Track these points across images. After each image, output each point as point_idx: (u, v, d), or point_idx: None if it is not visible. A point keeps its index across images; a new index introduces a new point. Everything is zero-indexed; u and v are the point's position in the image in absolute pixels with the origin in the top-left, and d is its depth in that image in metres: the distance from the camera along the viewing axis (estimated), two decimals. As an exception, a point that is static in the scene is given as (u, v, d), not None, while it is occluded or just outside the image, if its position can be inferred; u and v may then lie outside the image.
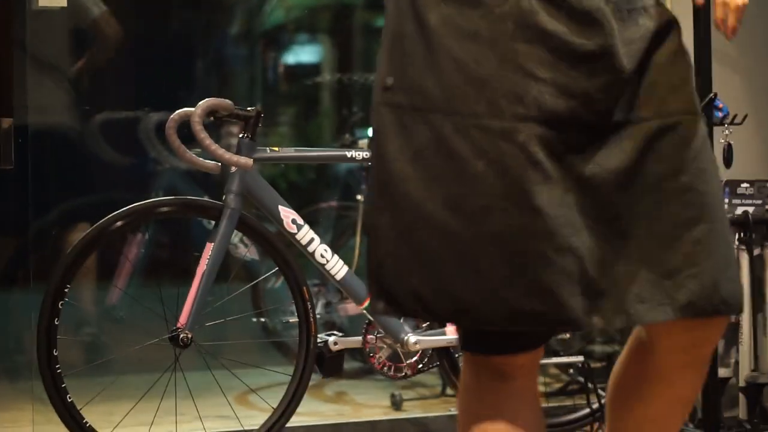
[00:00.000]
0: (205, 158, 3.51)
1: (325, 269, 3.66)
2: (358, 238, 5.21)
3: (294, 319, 3.73)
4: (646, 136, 1.78)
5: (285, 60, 6.82)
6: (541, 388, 4.54)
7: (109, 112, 5.00)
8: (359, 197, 5.37)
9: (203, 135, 3.38)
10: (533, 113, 1.73)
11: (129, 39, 5.08)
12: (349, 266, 3.72)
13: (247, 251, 4.79)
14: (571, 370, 4.64)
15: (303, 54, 7.05)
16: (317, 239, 3.65)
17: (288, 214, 3.62)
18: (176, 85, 5.08)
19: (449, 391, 4.69)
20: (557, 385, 4.73)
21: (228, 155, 3.43)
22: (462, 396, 1.97)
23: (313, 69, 6.62)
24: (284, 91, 6.76)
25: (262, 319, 5.15)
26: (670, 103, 1.80)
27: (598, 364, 4.62)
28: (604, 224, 1.78)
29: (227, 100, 3.47)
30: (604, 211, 1.78)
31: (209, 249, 3.51)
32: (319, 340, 3.68)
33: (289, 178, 7.00)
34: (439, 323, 3.62)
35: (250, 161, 3.45)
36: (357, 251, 5.17)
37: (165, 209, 3.57)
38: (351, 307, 4.87)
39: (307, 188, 6.63)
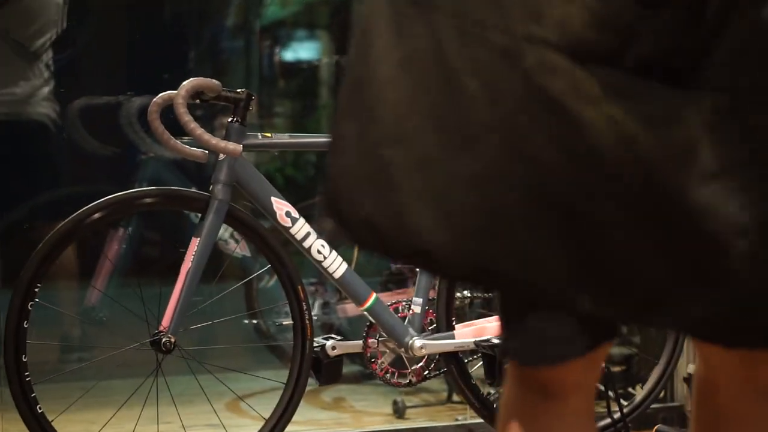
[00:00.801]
0: (193, 146, 3.24)
1: (322, 267, 3.39)
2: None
3: (288, 321, 3.46)
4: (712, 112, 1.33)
5: (283, 48, 6.59)
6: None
7: (89, 97, 4.70)
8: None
9: (187, 118, 3.11)
10: (552, 37, 1.34)
11: (110, 17, 4.79)
12: (349, 264, 3.45)
13: (238, 247, 4.51)
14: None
15: (301, 42, 6.81)
16: (314, 234, 3.38)
17: (281, 207, 3.35)
18: (162, 68, 4.78)
19: (456, 397, 4.44)
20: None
21: (215, 141, 3.16)
22: (503, 418, 1.66)
23: (311, 55, 6.36)
24: (282, 79, 6.48)
25: (254, 321, 4.86)
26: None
27: (617, 368, 4.35)
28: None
29: (214, 80, 3.20)
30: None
31: (195, 245, 3.25)
32: (315, 344, 3.43)
33: (286, 173, 6.74)
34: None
35: (239, 147, 3.18)
36: (357, 248, 4.92)
37: (146, 201, 3.30)
38: (351, 308, 4.61)
39: (304, 183, 6.38)
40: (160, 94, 3.23)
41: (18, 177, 4.44)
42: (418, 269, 4.55)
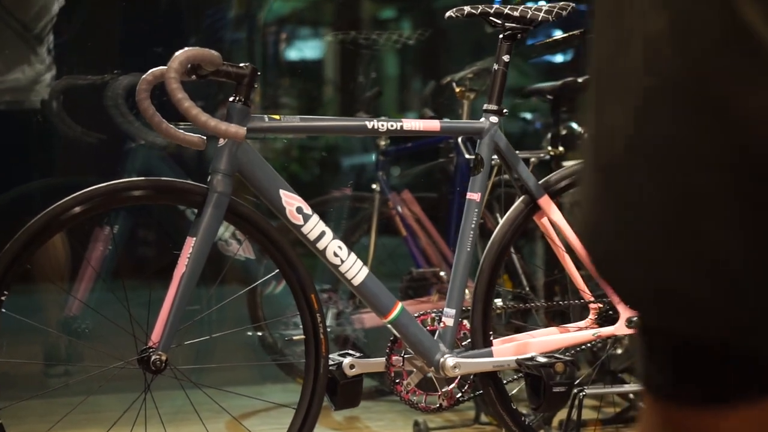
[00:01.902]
0: (189, 131, 2.80)
1: (339, 271, 2.95)
2: (373, 235, 4.52)
3: (299, 335, 3.01)
4: None
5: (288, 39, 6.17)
6: (593, 414, 3.87)
7: (69, 77, 4.22)
8: (375, 186, 4.67)
9: (181, 95, 2.66)
10: None
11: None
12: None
13: (241, 249, 4.05)
14: (631, 395, 3.95)
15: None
16: (329, 233, 2.94)
17: (292, 201, 2.91)
18: (154, 44, 4.30)
19: (484, 417, 4.00)
20: (612, 411, 4.01)
21: (214, 122, 2.71)
22: None
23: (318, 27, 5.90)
24: (286, 59, 6.03)
25: (259, 333, 4.40)
26: None
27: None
28: None
29: (213, 51, 2.74)
30: None
31: (190, 245, 2.81)
32: (331, 362, 2.98)
33: (291, 170, 6.29)
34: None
35: (242, 130, 2.73)
36: (372, 250, 4.49)
37: (134, 193, 2.85)
38: (369, 319, 4.16)
39: (312, 179, 5.94)
40: (151, 71, 2.81)
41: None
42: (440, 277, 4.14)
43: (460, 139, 4.39)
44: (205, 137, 2.85)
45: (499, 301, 3.54)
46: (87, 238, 3.96)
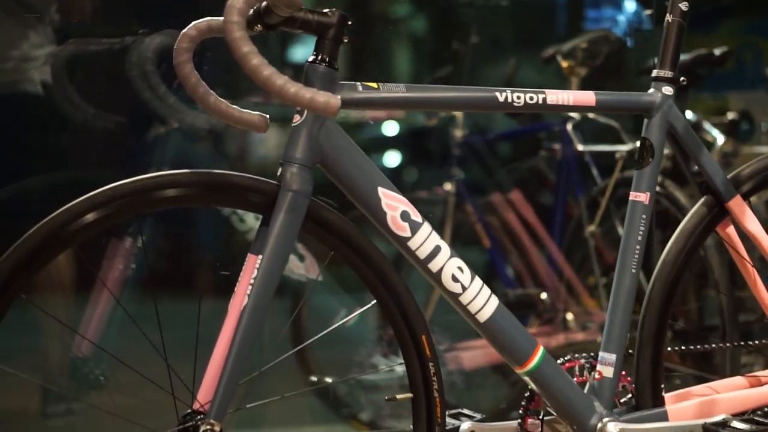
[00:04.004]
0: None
1: (459, 303, 2.21)
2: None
3: (403, 394, 2.23)
4: None
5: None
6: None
7: (79, 39, 3.34)
8: (448, 187, 3.92)
9: (247, 48, 1.91)
10: None
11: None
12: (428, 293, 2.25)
13: (303, 266, 3.23)
14: None
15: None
16: (446, 249, 2.19)
17: (395, 204, 2.16)
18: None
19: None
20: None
21: (295, 88, 1.92)
22: None
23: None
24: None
25: (313, 378, 3.57)
26: None
27: None
28: None
29: (291, -13, 1.97)
30: None
31: (253, 266, 2.05)
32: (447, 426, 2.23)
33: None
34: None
35: (336, 101, 1.94)
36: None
37: (171, 193, 2.07)
38: (470, 357, 3.37)
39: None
40: (194, 23, 2.08)
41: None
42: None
43: (570, 126, 3.63)
44: (267, 116, 2.10)
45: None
46: (100, 252, 3.16)
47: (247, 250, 2.09)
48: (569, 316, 3.82)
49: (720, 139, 4.08)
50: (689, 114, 4.12)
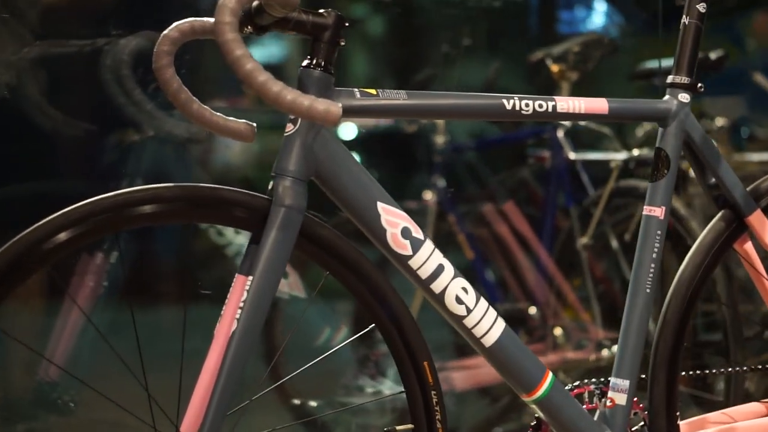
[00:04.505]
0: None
1: (463, 326, 2.07)
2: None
3: (403, 426, 2.09)
4: None
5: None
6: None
7: (46, 42, 3.16)
8: (429, 196, 3.79)
9: (240, 52, 1.76)
10: None
11: None
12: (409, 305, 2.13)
13: (287, 283, 3.08)
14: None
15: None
16: (449, 268, 2.05)
17: (396, 220, 2.02)
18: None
19: None
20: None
21: (292, 95, 1.77)
22: None
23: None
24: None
25: (297, 402, 3.41)
26: None
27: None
28: None
29: (286, -16, 1.83)
30: None
31: (242, 287, 1.90)
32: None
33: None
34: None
35: (337, 109, 1.79)
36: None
37: (154, 209, 1.91)
38: (462, 378, 3.24)
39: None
40: (175, 24, 1.94)
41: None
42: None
43: (561, 133, 3.50)
44: (254, 125, 1.97)
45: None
46: (69, 268, 3.00)
47: (226, 265, 1.96)
48: (557, 331, 3.71)
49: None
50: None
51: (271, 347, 3.54)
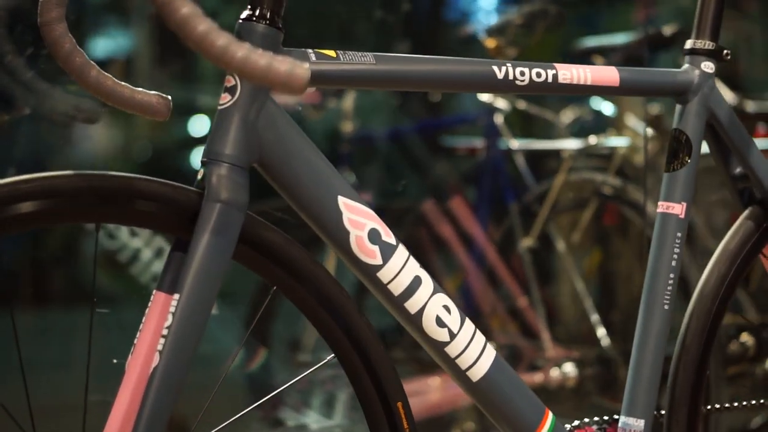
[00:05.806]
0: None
1: (444, 356, 1.66)
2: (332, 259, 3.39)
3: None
4: None
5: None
6: None
7: None
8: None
9: (188, 9, 1.32)
10: None
11: None
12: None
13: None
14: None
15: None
16: (428, 281, 1.64)
17: (361, 219, 1.60)
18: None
19: None
20: None
21: (243, 52, 1.33)
22: None
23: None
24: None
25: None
26: None
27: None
28: None
29: None
30: None
31: (165, 308, 1.48)
32: None
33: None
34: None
35: (305, 71, 1.34)
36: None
37: (42, 206, 1.46)
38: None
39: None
40: None
41: None
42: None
43: (500, 118, 3.13)
44: (169, 98, 1.56)
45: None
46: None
47: (115, 271, 1.53)
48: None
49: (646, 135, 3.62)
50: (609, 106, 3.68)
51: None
